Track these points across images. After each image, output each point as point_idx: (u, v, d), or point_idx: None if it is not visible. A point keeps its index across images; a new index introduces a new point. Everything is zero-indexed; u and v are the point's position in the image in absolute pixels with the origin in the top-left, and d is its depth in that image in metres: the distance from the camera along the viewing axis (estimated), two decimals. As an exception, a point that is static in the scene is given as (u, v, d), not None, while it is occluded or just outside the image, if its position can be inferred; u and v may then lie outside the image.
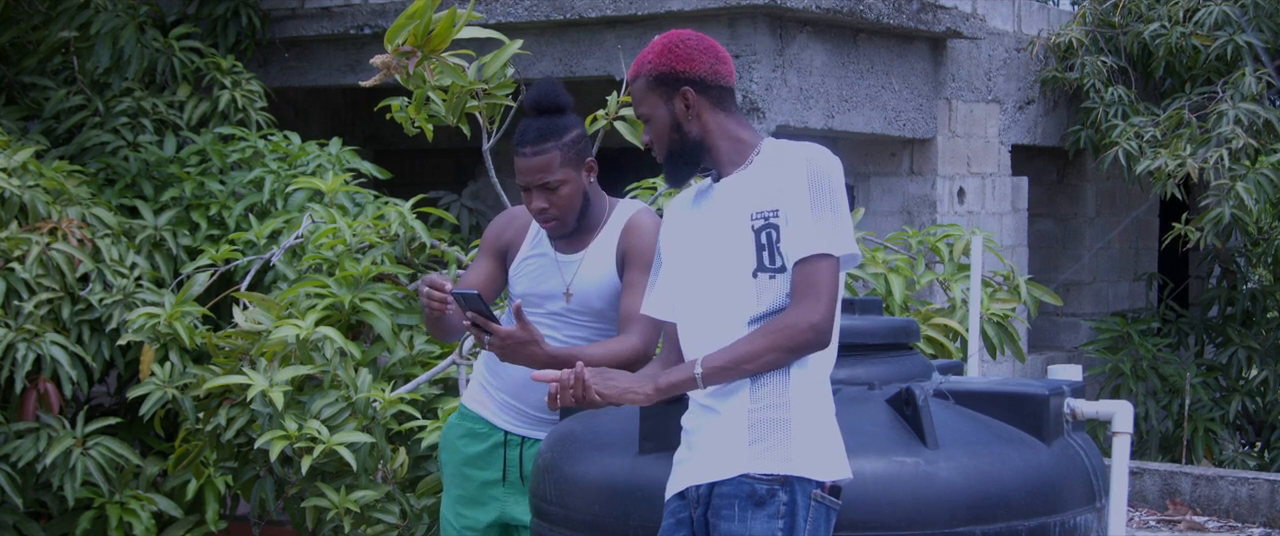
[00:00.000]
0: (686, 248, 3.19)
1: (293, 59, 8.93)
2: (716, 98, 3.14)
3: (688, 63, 3.13)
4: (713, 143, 3.14)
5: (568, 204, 3.75)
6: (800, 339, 2.98)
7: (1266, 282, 10.92)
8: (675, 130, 3.15)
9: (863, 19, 7.97)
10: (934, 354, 5.31)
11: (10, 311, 5.91)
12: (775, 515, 2.98)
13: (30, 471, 5.92)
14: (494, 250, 3.93)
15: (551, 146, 3.71)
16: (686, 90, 3.12)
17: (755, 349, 2.99)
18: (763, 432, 3.01)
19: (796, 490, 2.98)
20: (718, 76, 3.14)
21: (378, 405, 5.03)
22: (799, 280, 3.01)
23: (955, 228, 6.08)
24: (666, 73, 3.13)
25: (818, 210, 3.01)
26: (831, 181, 3.04)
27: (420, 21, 4.86)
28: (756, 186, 3.08)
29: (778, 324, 2.99)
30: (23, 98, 7.55)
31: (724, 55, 3.17)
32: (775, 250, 3.04)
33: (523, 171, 3.74)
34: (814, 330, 2.98)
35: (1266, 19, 9.62)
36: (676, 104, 3.13)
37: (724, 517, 3.00)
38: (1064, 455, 3.35)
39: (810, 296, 2.99)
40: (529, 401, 3.89)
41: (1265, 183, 8.77)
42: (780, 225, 3.03)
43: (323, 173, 6.80)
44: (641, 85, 3.16)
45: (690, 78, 3.12)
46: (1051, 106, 10.04)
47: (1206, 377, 10.00)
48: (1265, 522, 7.18)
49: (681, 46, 3.13)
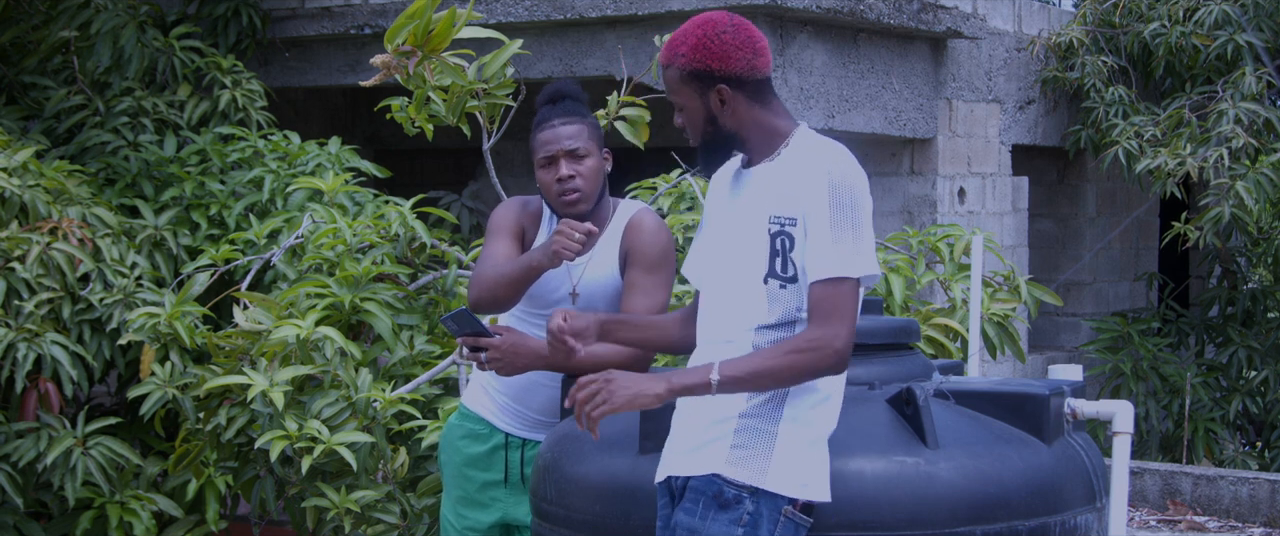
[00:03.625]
0: (716, 229, 3.17)
1: (293, 59, 8.93)
2: (752, 92, 3.07)
3: (723, 61, 3.04)
4: (746, 134, 3.10)
5: (593, 177, 3.75)
6: (822, 363, 2.95)
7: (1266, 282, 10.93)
8: (710, 123, 3.10)
9: (863, 19, 7.97)
10: (934, 354, 5.31)
11: (10, 311, 5.91)
12: (737, 521, 2.98)
13: (30, 471, 5.92)
14: (514, 231, 3.86)
15: (579, 119, 3.76)
16: (722, 88, 3.05)
17: (775, 367, 2.95)
18: (746, 439, 3.00)
19: (764, 503, 2.98)
20: (754, 71, 3.06)
21: (378, 405, 5.03)
22: (819, 301, 2.96)
23: (955, 228, 6.08)
24: (702, 70, 3.05)
25: (838, 230, 2.95)
26: (854, 196, 2.97)
27: (420, 21, 4.86)
28: (779, 185, 3.04)
29: (800, 345, 2.95)
30: (23, 97, 7.55)
31: (761, 46, 3.07)
32: (788, 259, 3.00)
33: (550, 141, 3.73)
34: (836, 355, 2.95)
35: (1266, 18, 9.62)
36: (712, 99, 3.07)
37: (686, 510, 3.01)
38: (1064, 455, 3.35)
39: (834, 319, 2.95)
40: (530, 404, 3.88)
41: (1265, 182, 8.77)
42: (796, 236, 2.99)
43: (323, 172, 6.80)
44: (675, 76, 3.09)
45: (726, 76, 3.05)
46: (1052, 106, 10.04)
47: (1207, 377, 10.00)
48: (1265, 522, 7.18)
49: (717, 42, 3.04)
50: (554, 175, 3.74)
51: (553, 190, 3.76)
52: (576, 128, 3.76)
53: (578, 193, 3.73)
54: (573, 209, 3.75)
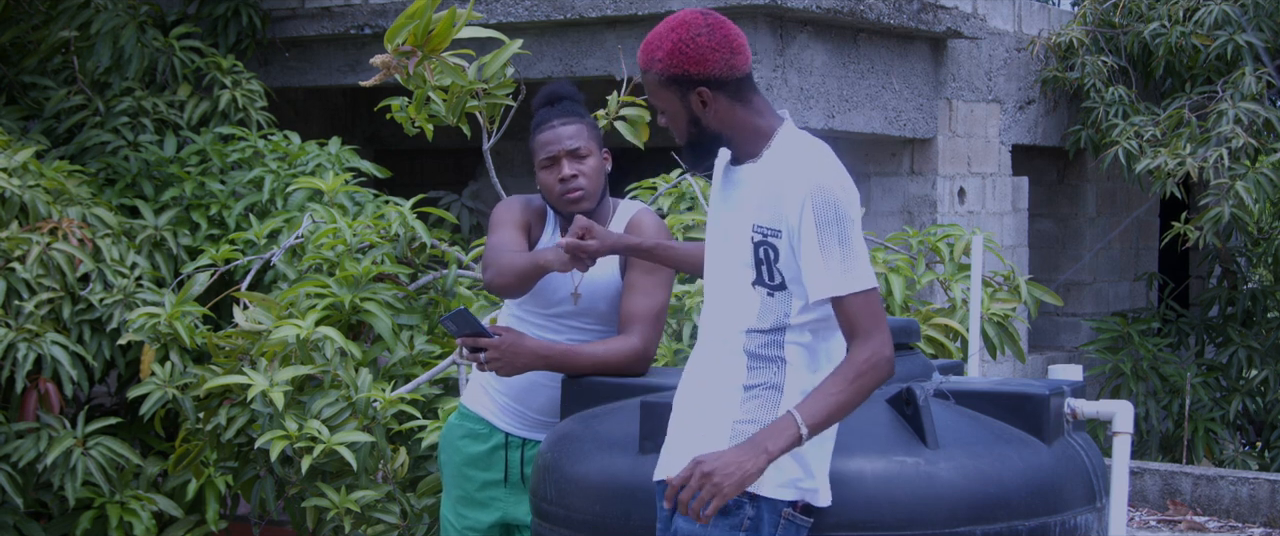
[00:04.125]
0: (712, 229, 3.17)
1: (293, 59, 8.93)
2: (733, 91, 3.05)
3: (701, 64, 3.00)
4: (731, 134, 3.09)
5: (595, 176, 3.76)
6: (881, 375, 2.96)
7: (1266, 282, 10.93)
8: (693, 124, 3.08)
9: (863, 19, 7.97)
10: (934, 354, 5.31)
11: (11, 311, 5.91)
12: (738, 526, 2.98)
13: (31, 471, 5.92)
14: (520, 223, 3.84)
15: (578, 120, 3.78)
16: (702, 90, 3.03)
17: (850, 398, 2.94)
18: None
19: (764, 507, 2.98)
20: (733, 70, 3.03)
21: (378, 405, 5.03)
22: (851, 319, 2.96)
23: (955, 228, 6.08)
24: (680, 74, 3.02)
25: (826, 247, 2.94)
26: (837, 210, 2.95)
27: (420, 21, 4.86)
28: (762, 190, 3.03)
29: (859, 368, 2.94)
30: (23, 97, 7.55)
31: (738, 44, 3.04)
32: (774, 268, 3.00)
33: (551, 141, 3.74)
34: (889, 363, 2.96)
35: (1266, 18, 9.62)
36: (692, 101, 3.05)
37: (685, 517, 2.99)
38: (1064, 455, 3.35)
39: (873, 333, 2.95)
40: (531, 404, 3.88)
41: (1265, 182, 8.77)
42: (780, 247, 2.98)
43: (323, 172, 6.80)
44: (654, 80, 3.06)
45: (705, 78, 3.02)
46: (1052, 106, 10.04)
47: (1207, 377, 10.00)
48: (1265, 522, 7.18)
49: (692, 46, 3.00)
50: (556, 175, 3.74)
51: (556, 190, 3.76)
52: (576, 127, 3.77)
53: (581, 191, 3.74)
54: (576, 207, 3.75)
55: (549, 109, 3.81)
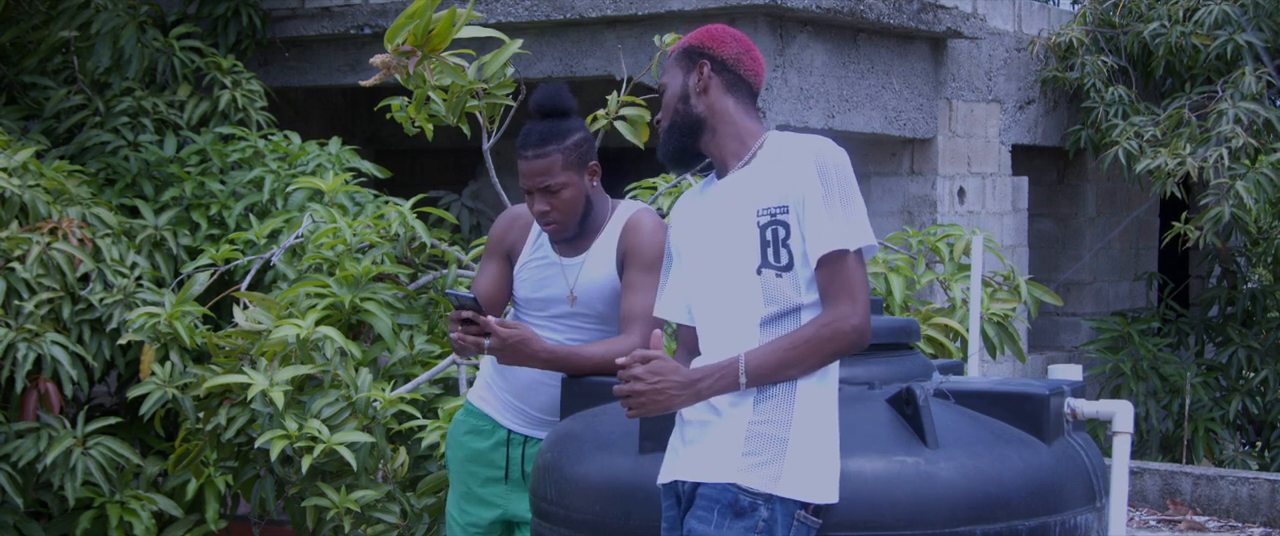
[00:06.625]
0: (693, 247, 3.20)
1: (293, 59, 8.93)
2: (731, 82, 3.19)
3: (716, 43, 3.20)
4: (715, 125, 3.17)
5: (569, 207, 3.75)
6: (844, 342, 2.99)
7: (1266, 282, 10.93)
8: (682, 101, 3.19)
9: (863, 19, 7.97)
10: (934, 354, 5.31)
11: (10, 311, 5.91)
12: (753, 529, 2.98)
13: (30, 471, 5.92)
14: (499, 252, 3.93)
15: (553, 150, 3.73)
16: (704, 63, 3.18)
17: (800, 355, 2.98)
18: (758, 447, 3.00)
19: (779, 508, 2.98)
20: (739, 64, 3.20)
21: (378, 405, 5.03)
22: (829, 281, 3.01)
23: (955, 227, 6.08)
24: (694, 46, 3.22)
25: (831, 204, 3.01)
26: (841, 173, 3.05)
27: (420, 21, 4.86)
28: (762, 182, 3.08)
29: (820, 330, 2.98)
30: (23, 97, 7.55)
31: (756, 54, 3.24)
32: (783, 247, 3.03)
33: (525, 174, 3.76)
34: (857, 333, 3.00)
35: (1266, 18, 9.62)
36: (692, 75, 3.19)
37: (700, 519, 3.00)
38: (1064, 455, 3.34)
39: (846, 298, 3.00)
40: (533, 402, 3.89)
41: (1265, 182, 8.77)
42: (790, 222, 3.03)
43: (323, 172, 6.80)
44: (670, 60, 3.25)
45: (712, 55, 3.19)
46: (1052, 106, 10.04)
47: (1207, 377, 10.00)
48: (1265, 522, 7.18)
49: (716, 30, 3.23)
50: (532, 204, 3.79)
51: (533, 215, 3.81)
52: (548, 161, 3.72)
53: (553, 225, 3.78)
54: (553, 236, 3.82)
55: (528, 133, 3.77)
